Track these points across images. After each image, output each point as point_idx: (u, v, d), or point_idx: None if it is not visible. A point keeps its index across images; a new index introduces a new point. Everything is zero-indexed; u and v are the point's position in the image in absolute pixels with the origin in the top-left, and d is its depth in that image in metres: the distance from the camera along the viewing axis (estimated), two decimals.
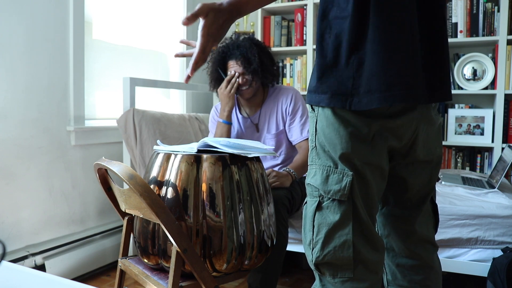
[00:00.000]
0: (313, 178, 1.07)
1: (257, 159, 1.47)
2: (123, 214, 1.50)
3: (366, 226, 1.04)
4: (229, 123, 2.01)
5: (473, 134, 2.91)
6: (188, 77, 1.07)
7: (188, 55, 1.14)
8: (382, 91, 0.96)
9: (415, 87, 0.98)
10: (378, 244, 1.07)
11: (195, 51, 1.06)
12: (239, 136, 2.09)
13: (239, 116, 2.09)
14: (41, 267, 2.08)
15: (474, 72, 2.86)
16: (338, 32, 1.01)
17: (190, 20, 1.04)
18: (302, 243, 1.13)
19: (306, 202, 1.11)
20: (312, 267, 1.08)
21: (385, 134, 1.03)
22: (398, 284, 1.21)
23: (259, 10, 3.30)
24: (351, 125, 1.01)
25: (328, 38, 1.03)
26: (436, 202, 1.94)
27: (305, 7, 3.16)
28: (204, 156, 1.34)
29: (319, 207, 1.04)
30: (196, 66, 1.07)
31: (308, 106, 1.11)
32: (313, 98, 1.06)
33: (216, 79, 2.07)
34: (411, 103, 1.00)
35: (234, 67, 2.00)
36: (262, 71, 1.99)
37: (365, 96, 0.98)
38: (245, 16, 3.40)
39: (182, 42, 1.24)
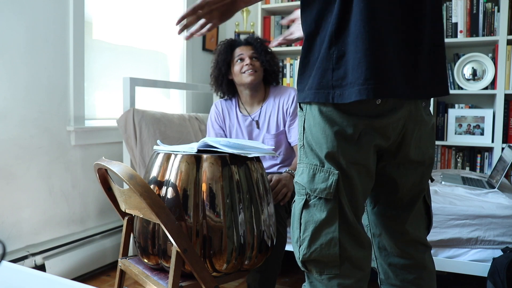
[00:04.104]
0: (300, 177, 1.08)
1: (257, 159, 1.47)
2: (123, 214, 1.50)
3: (351, 224, 1.05)
4: None
5: (473, 134, 2.91)
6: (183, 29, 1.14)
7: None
8: (360, 84, 0.96)
9: (393, 82, 0.98)
10: (364, 241, 1.08)
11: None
12: (238, 134, 2.09)
13: (239, 114, 2.09)
14: (41, 267, 2.08)
15: (474, 72, 2.86)
16: (322, 27, 1.01)
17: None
18: (291, 241, 1.13)
19: (294, 201, 1.11)
20: (299, 264, 1.09)
21: (371, 133, 1.03)
22: (390, 283, 1.21)
23: (259, 10, 3.30)
24: (337, 125, 1.01)
25: (314, 34, 1.04)
26: (436, 202, 1.95)
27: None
28: (204, 156, 1.34)
29: (306, 205, 1.05)
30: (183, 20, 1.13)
31: (298, 105, 1.12)
32: (300, 96, 1.08)
33: (218, 77, 2.07)
34: (386, 97, 0.99)
35: (242, 51, 2.01)
36: (271, 59, 2.01)
37: (347, 89, 0.98)
38: (245, 16, 3.40)
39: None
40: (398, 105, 1.03)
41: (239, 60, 2.00)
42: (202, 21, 1.15)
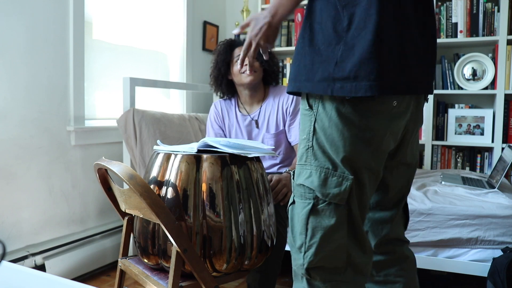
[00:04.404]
0: (308, 179, 1.04)
1: (257, 159, 1.47)
2: (123, 214, 1.50)
3: (358, 229, 1.04)
4: None
5: (473, 134, 2.91)
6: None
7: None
8: (370, 80, 0.94)
9: (403, 79, 0.98)
10: (367, 247, 1.08)
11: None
12: (237, 134, 2.09)
13: (238, 114, 2.09)
14: (41, 267, 2.08)
15: (474, 72, 2.86)
16: (328, 19, 1.00)
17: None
18: (289, 246, 1.10)
19: (293, 203, 1.08)
20: (302, 271, 1.05)
21: (389, 139, 1.02)
22: (374, 281, 1.23)
23: (259, 10, 3.30)
24: (356, 127, 0.98)
25: (318, 25, 1.02)
26: (436, 202, 1.95)
27: (305, 7, 3.16)
28: (204, 156, 1.34)
29: (313, 210, 1.02)
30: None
31: (303, 103, 1.08)
32: (293, 84, 1.05)
33: (217, 77, 2.07)
34: (398, 94, 0.99)
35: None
36: (270, 59, 2.01)
37: (349, 82, 0.95)
38: (245, 16, 3.40)
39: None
40: (408, 105, 1.03)
41: (238, 61, 2.00)
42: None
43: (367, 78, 0.94)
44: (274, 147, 2.03)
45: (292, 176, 1.83)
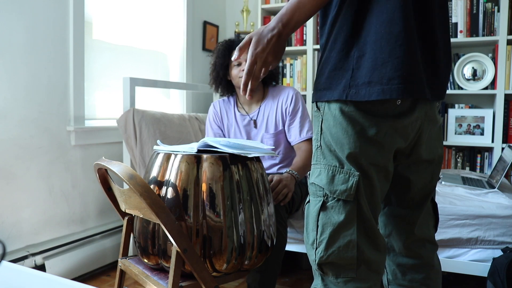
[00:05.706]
0: (317, 178, 1.06)
1: (257, 159, 1.47)
2: (123, 214, 1.50)
3: (370, 226, 1.04)
4: None
5: (473, 134, 2.91)
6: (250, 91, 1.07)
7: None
8: (383, 84, 0.96)
9: (415, 82, 0.98)
10: (381, 244, 1.07)
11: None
12: (236, 133, 2.09)
13: (237, 113, 2.09)
14: (41, 267, 2.08)
15: (474, 72, 2.86)
16: (342, 27, 1.01)
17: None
18: (304, 243, 1.12)
19: (308, 201, 1.10)
20: (315, 266, 1.08)
21: (393, 135, 1.03)
22: (398, 284, 1.21)
23: (259, 10, 3.30)
24: (359, 125, 1.00)
25: (332, 35, 1.04)
26: (436, 202, 1.95)
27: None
28: (204, 156, 1.34)
29: (323, 207, 1.04)
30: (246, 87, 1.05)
31: (313, 105, 1.10)
32: (315, 94, 1.07)
33: (216, 78, 2.07)
34: (409, 97, 0.99)
35: None
36: None
37: (364, 88, 0.97)
38: (245, 16, 3.40)
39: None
40: (415, 104, 1.04)
41: (236, 65, 2.00)
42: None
43: (379, 83, 0.96)
44: (273, 147, 2.03)
45: (294, 177, 1.84)
